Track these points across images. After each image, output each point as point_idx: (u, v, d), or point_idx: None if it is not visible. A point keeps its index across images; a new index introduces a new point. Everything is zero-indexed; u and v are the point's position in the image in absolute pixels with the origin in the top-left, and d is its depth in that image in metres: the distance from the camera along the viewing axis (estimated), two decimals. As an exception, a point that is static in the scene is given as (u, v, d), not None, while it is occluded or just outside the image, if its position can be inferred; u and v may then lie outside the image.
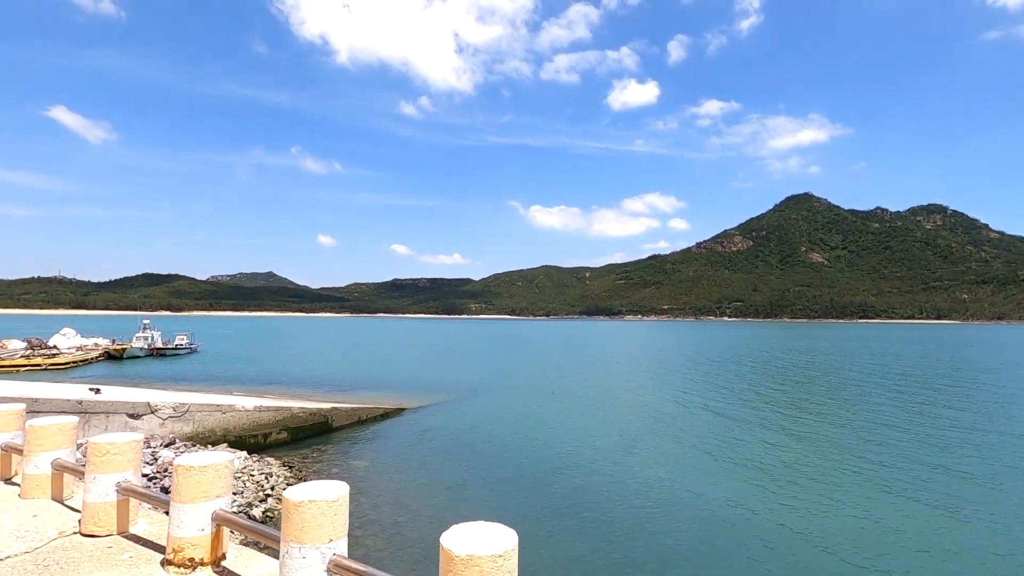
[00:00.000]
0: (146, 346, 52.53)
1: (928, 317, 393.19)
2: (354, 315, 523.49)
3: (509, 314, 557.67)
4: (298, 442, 20.41)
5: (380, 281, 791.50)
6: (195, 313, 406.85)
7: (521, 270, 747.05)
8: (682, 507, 13.41)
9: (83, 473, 4.26)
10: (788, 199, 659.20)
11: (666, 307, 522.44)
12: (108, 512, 4.00)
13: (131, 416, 15.10)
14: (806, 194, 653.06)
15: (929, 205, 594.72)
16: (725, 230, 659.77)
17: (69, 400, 13.66)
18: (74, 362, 43.44)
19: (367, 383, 37.07)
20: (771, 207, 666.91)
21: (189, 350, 57.70)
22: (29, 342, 48.65)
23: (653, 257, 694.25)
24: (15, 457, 5.14)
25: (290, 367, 47.39)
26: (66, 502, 4.62)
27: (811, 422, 24.18)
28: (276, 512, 13.32)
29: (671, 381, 39.45)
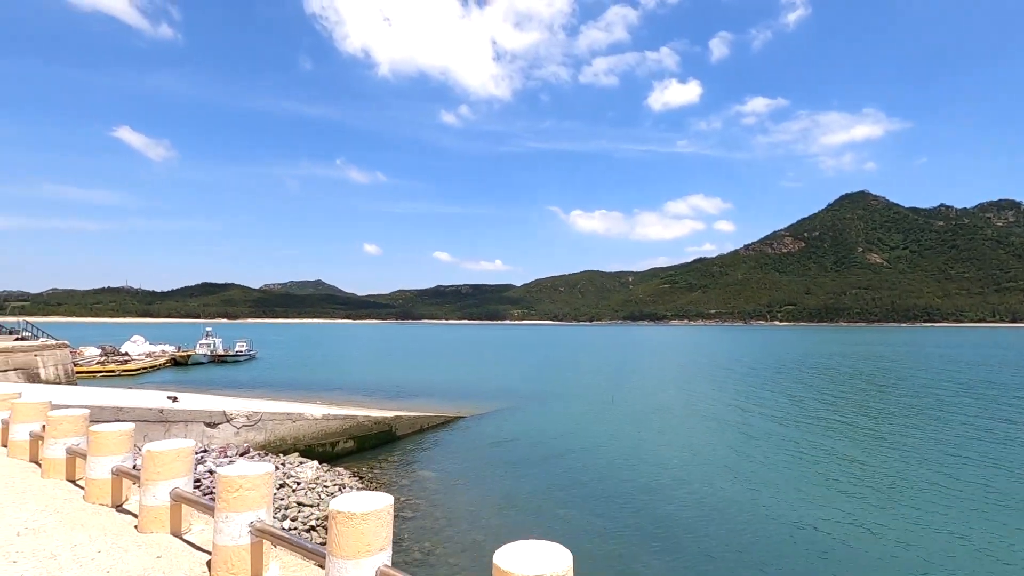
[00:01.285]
0: (209, 353, 54.42)
1: (1002, 320, 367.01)
2: (399, 321, 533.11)
3: (551, 320, 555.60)
4: (364, 451, 20.25)
5: (423, 288, 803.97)
6: (249, 320, 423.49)
7: (563, 275, 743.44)
8: (749, 527, 12.46)
9: (206, 507, 3.84)
10: (843, 198, 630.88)
11: (713, 311, 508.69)
12: (242, 557, 3.50)
13: (208, 425, 15.17)
14: (862, 192, 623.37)
15: (1000, 201, 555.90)
16: (775, 231, 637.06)
17: (151, 409, 13.80)
18: (144, 368, 45.34)
19: (422, 390, 36.99)
20: (824, 206, 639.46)
21: (248, 356, 59.48)
22: (103, 349, 51.23)
23: (699, 260, 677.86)
24: (125, 482, 4.83)
25: (344, 374, 48.02)
26: (185, 536, 4.21)
27: (888, 432, 22.36)
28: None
29: (730, 388, 37.68)
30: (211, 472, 13.08)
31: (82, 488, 5.25)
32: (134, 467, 4.43)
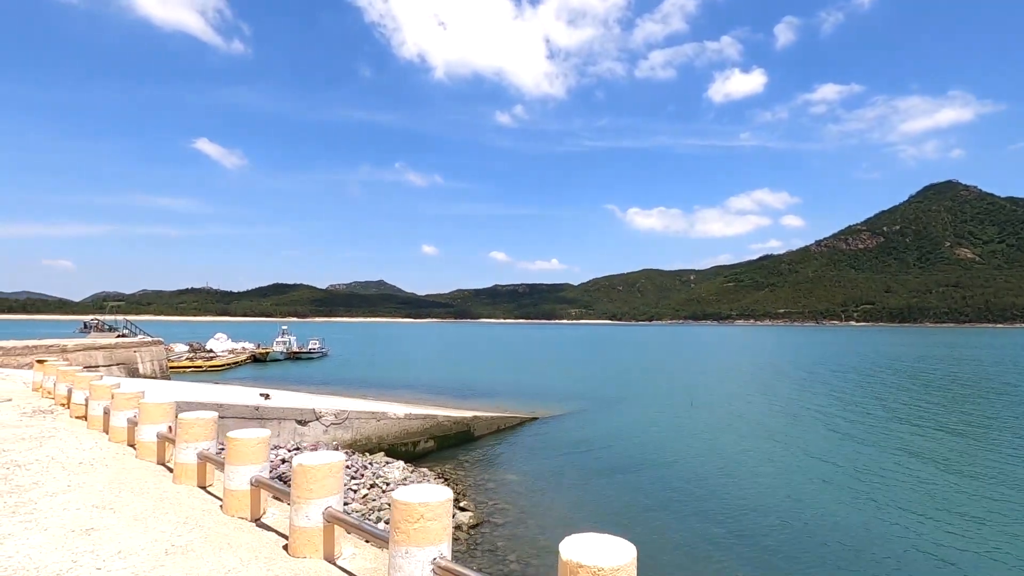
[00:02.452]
0: (285, 350, 56.59)
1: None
2: (456, 320, 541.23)
3: (609, 319, 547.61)
4: (443, 451, 20.02)
5: (481, 287, 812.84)
6: (317, 319, 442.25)
7: (621, 274, 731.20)
8: (844, 543, 11.32)
9: (371, 534, 3.35)
10: (927, 188, 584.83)
11: (782, 311, 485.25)
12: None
13: (299, 423, 15.27)
14: (949, 182, 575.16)
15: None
16: (849, 226, 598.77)
17: (248, 406, 14.00)
18: (227, 364, 47.60)
19: (491, 389, 36.69)
20: (905, 198, 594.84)
21: (321, 354, 61.45)
22: (191, 346, 54.38)
23: (765, 257, 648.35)
24: (263, 493, 4.44)
25: (412, 372, 48.59)
26: (338, 561, 3.72)
27: (995, 444, 19.71)
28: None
29: (818, 393, 35.03)
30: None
31: (215, 497, 4.92)
32: (281, 478, 3.98)
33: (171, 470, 5.67)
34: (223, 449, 10.02)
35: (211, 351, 53.94)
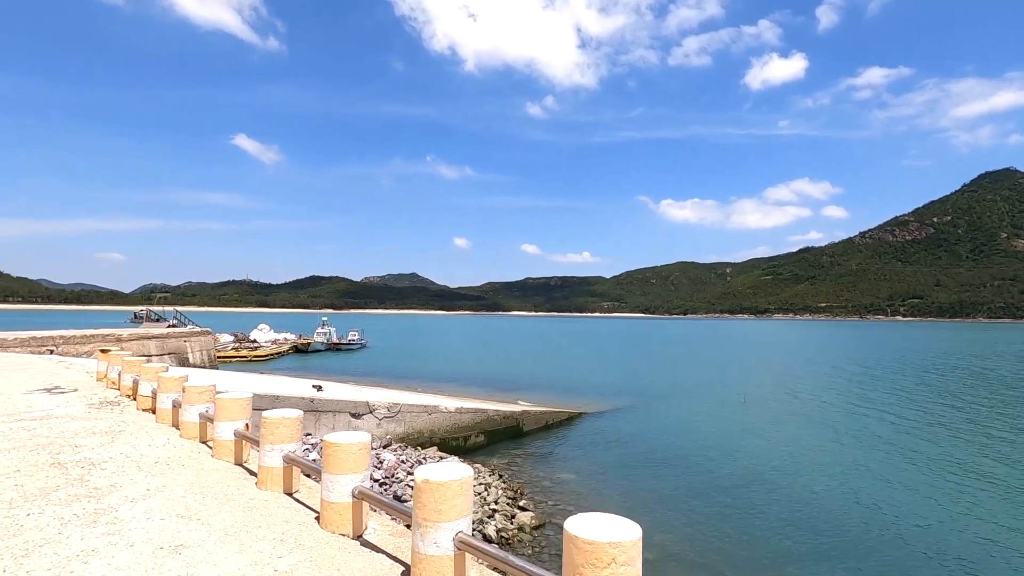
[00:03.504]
0: (325, 341, 57.28)
1: None
2: (488, 313, 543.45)
3: (643, 312, 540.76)
4: (493, 445, 19.58)
5: (512, 280, 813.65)
6: (352, 311, 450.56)
7: (654, 267, 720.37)
8: (897, 549, 10.27)
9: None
10: (982, 176, 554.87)
11: (823, 305, 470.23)
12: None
13: (353, 416, 14.94)
14: (1007, 169, 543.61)
15: None
16: (896, 216, 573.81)
17: (303, 398, 13.73)
18: (271, 354, 48.37)
19: (533, 383, 36.15)
20: (958, 187, 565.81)
21: (360, 345, 62.02)
22: (235, 336, 55.52)
23: (806, 250, 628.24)
24: (365, 506, 3.87)
25: (451, 364, 48.41)
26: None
27: None
28: (510, 533, 11.99)
29: (877, 391, 33.16)
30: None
31: (307, 507, 4.38)
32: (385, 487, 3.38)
33: (252, 473, 5.19)
34: (308, 450, 9.57)
35: (255, 341, 54.98)
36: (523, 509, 13.17)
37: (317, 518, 4.03)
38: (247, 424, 5.54)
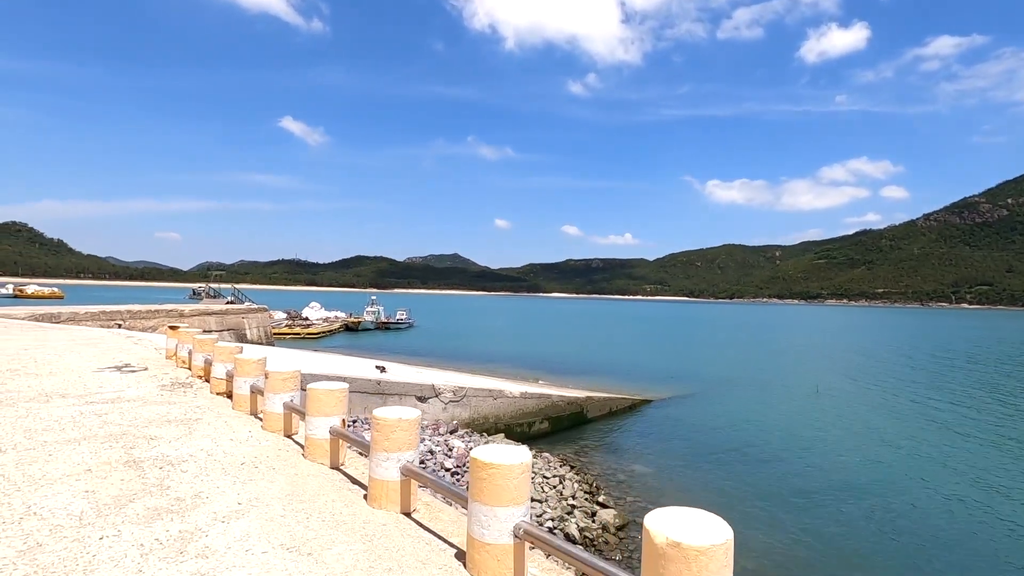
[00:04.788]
0: (375, 320, 57.63)
1: None
2: (530, 294, 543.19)
3: (687, 296, 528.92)
4: (557, 432, 18.71)
5: (553, 262, 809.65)
6: (396, 291, 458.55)
7: (699, 249, 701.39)
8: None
9: None
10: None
11: (880, 291, 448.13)
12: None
13: (419, 399, 14.24)
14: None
15: None
16: (965, 198, 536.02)
17: (370, 380, 13.10)
18: (323, 332, 48.90)
19: (592, 367, 35.06)
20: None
21: (407, 324, 62.18)
22: (288, 313, 56.51)
23: (863, 232, 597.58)
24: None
25: (500, 345, 47.76)
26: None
27: None
28: (594, 533, 11.02)
29: (967, 386, 30.43)
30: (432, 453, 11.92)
31: (435, 536, 3.41)
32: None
33: (354, 481, 4.31)
34: (426, 463, 8.68)
35: (307, 319, 55.81)
36: (603, 506, 12.17)
37: (459, 556, 3.07)
38: (343, 420, 4.66)
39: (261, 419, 5.93)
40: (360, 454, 5.08)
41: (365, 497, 3.93)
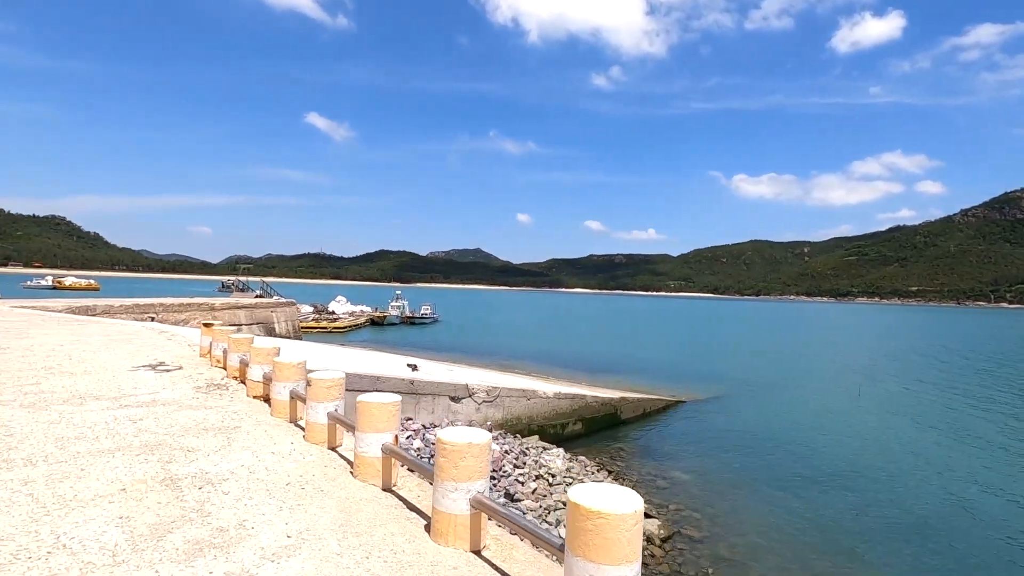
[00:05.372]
0: (400, 314, 57.67)
1: None
2: (552, 290, 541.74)
3: (712, 292, 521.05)
4: (591, 434, 18.18)
5: (576, 257, 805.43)
6: (418, 285, 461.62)
7: (724, 245, 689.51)
8: None
9: None
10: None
11: (914, 289, 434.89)
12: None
13: (452, 399, 13.84)
14: None
15: None
16: (1006, 192, 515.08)
17: (403, 379, 12.73)
18: (349, 326, 49.07)
19: (620, 365, 34.34)
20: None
21: (432, 319, 62.13)
22: (315, 307, 56.91)
23: (896, 229, 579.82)
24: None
25: (525, 340, 47.26)
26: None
27: None
28: (639, 545, 10.38)
29: (1009, 391, 28.86)
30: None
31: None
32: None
33: (409, 505, 3.86)
34: (411, 437, 8.18)
35: (333, 313, 56.12)
36: (646, 515, 11.60)
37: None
38: (396, 436, 4.21)
39: (302, 429, 5.54)
40: (410, 470, 4.64)
41: (427, 528, 3.46)
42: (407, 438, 11.34)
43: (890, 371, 36.18)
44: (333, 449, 5.05)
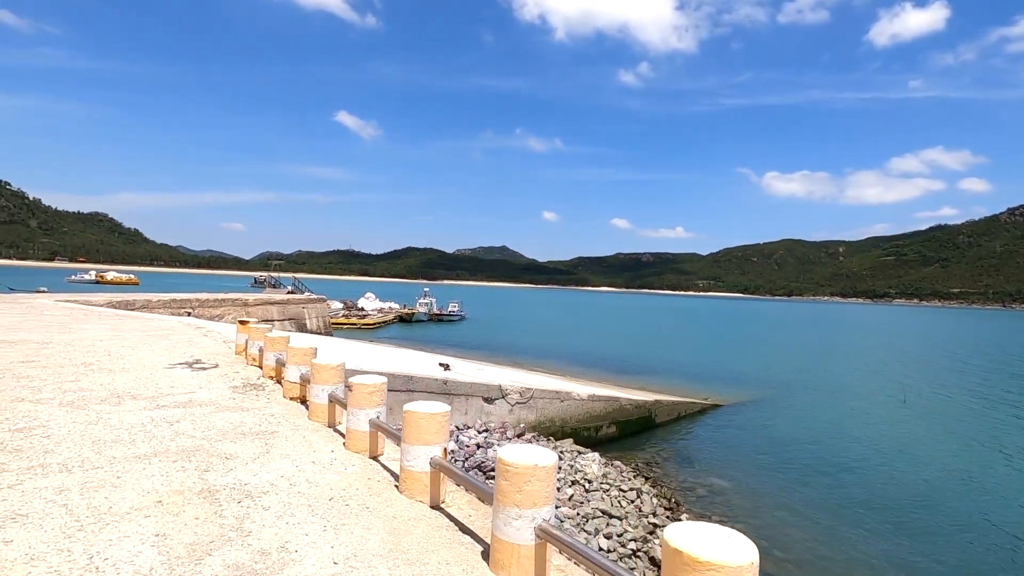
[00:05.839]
0: (427, 311, 57.82)
1: None
2: (578, 288, 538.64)
3: (742, 292, 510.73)
4: (624, 438, 17.73)
5: (602, 255, 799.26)
6: (444, 282, 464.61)
7: (755, 244, 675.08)
8: None
9: None
10: None
11: (956, 291, 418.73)
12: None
13: (486, 400, 13.56)
14: None
15: None
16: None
17: (436, 380, 12.49)
18: (378, 323, 49.37)
19: (649, 366, 33.68)
20: None
21: (460, 317, 62.14)
22: (345, 303, 57.46)
23: (938, 228, 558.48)
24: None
25: (553, 339, 46.80)
26: None
27: None
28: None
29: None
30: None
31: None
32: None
33: (459, 524, 3.54)
34: (561, 521, 7.78)
35: (362, 309, 56.57)
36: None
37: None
38: (445, 449, 3.90)
39: (342, 435, 5.29)
40: (457, 485, 4.32)
41: (484, 557, 3.13)
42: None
43: (936, 377, 34.58)
44: (375, 459, 4.77)
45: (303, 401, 6.55)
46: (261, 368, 8.06)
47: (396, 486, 4.11)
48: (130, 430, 5.00)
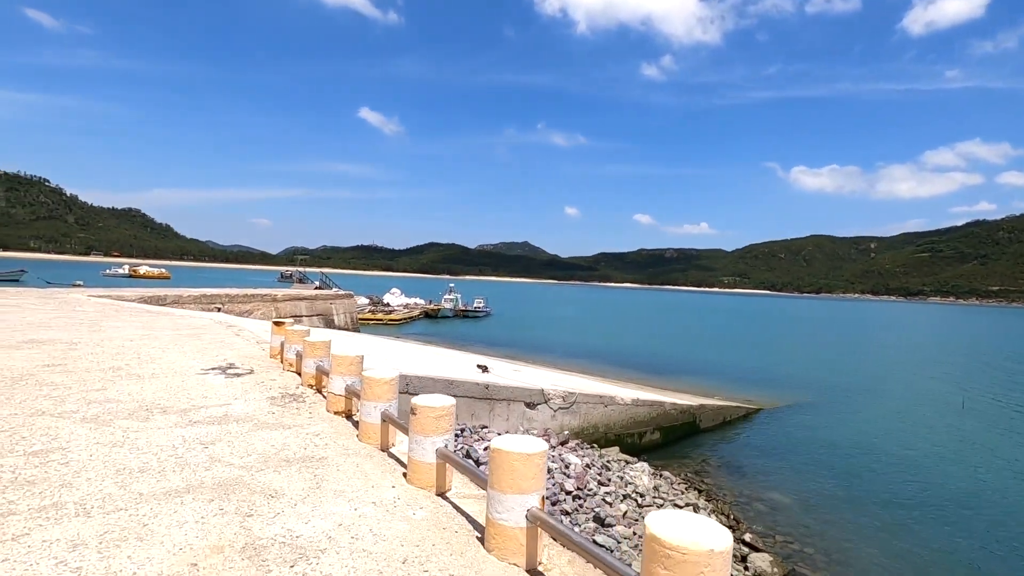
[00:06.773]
0: (453, 307, 57.35)
1: None
2: (601, 284, 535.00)
3: (768, 289, 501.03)
4: (669, 445, 16.88)
5: (625, 251, 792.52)
6: (467, 277, 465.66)
7: (782, 240, 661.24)
8: None
9: None
10: None
11: (995, 288, 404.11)
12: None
13: (528, 405, 12.78)
14: None
15: None
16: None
17: (477, 384, 11.77)
18: (403, 319, 49.02)
19: (683, 366, 32.58)
20: None
21: (485, 313, 61.54)
22: (370, 299, 57.32)
23: (976, 223, 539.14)
24: None
25: (581, 336, 45.81)
26: None
27: None
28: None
29: None
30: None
31: None
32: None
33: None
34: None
35: (388, 305, 56.35)
36: (753, 548, 10.15)
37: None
38: (543, 498, 3.11)
39: (397, 460, 4.54)
40: (554, 539, 3.52)
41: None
42: (484, 449, 10.29)
43: (993, 381, 32.66)
44: (443, 495, 4.00)
45: (348, 415, 5.84)
46: (299, 375, 7.40)
47: (479, 538, 3.33)
48: (159, 455, 4.33)
